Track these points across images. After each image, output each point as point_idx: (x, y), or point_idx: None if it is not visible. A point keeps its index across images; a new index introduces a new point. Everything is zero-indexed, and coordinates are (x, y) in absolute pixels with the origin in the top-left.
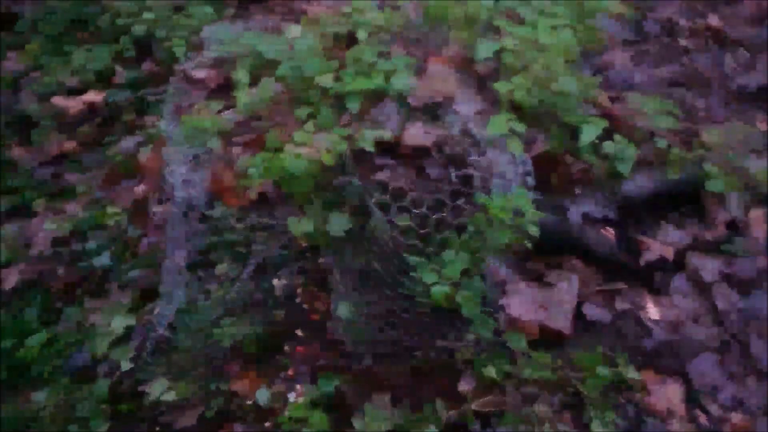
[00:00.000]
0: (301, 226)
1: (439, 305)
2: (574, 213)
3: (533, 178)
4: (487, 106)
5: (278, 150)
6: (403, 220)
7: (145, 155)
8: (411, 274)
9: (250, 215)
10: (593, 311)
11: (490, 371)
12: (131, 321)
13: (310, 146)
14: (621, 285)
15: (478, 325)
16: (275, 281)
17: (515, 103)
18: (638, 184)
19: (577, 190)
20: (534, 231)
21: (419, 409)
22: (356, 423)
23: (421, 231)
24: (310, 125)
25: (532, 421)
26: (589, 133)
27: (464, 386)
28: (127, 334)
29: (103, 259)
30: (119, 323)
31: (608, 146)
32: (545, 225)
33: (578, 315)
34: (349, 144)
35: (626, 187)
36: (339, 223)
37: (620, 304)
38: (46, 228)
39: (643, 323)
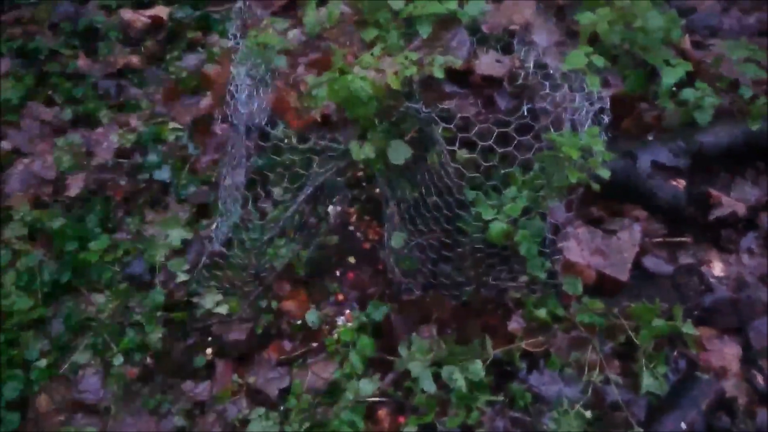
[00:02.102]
0: (363, 151)
1: (495, 242)
2: (644, 160)
3: (609, 117)
4: (565, 38)
5: (344, 72)
6: (467, 152)
7: (212, 69)
8: (468, 209)
9: (311, 137)
10: (654, 263)
11: (542, 313)
12: (188, 235)
13: (376, 70)
14: (686, 238)
15: (534, 265)
16: (330, 208)
17: (595, 38)
18: (715, 136)
19: (650, 137)
20: (604, 173)
21: (466, 343)
22: (402, 351)
23: (485, 164)
24: (377, 49)
25: (581, 366)
26: (670, 76)
27: (514, 326)
28: (184, 247)
29: (163, 174)
30: (176, 236)
31: (687, 93)
32: (612, 170)
33: (637, 265)
34: (418, 69)
35: (702, 138)
36: (400, 151)
37: (683, 258)
38: (110, 139)
39: (705, 279)
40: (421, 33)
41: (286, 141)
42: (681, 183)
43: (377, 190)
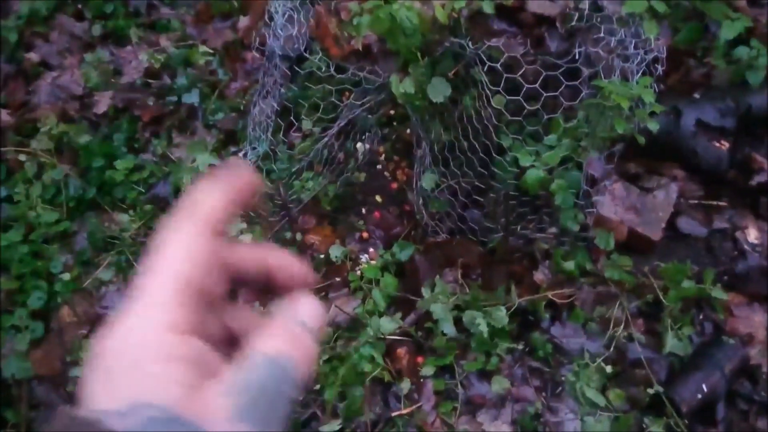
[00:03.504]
0: (403, 85)
1: (530, 190)
2: (689, 118)
3: (663, 67)
4: None
5: (388, 1)
6: (508, 95)
7: None
8: (504, 154)
9: (350, 67)
10: (688, 224)
11: (569, 265)
12: (215, 160)
13: (422, 1)
14: (723, 202)
15: (567, 217)
16: (359, 144)
17: None
18: (765, 98)
19: (696, 95)
20: (653, 125)
21: (490, 290)
22: (425, 292)
23: (529, 108)
24: None
25: (605, 321)
26: (730, 31)
27: (539, 276)
28: (210, 173)
29: (192, 97)
30: (203, 160)
31: (741, 51)
32: None
33: (671, 225)
34: (467, 3)
35: (751, 100)
36: (440, 88)
37: (718, 222)
38: (139, 58)
39: (738, 245)
40: None
41: (323, 69)
42: (725, 145)
43: (408, 131)
